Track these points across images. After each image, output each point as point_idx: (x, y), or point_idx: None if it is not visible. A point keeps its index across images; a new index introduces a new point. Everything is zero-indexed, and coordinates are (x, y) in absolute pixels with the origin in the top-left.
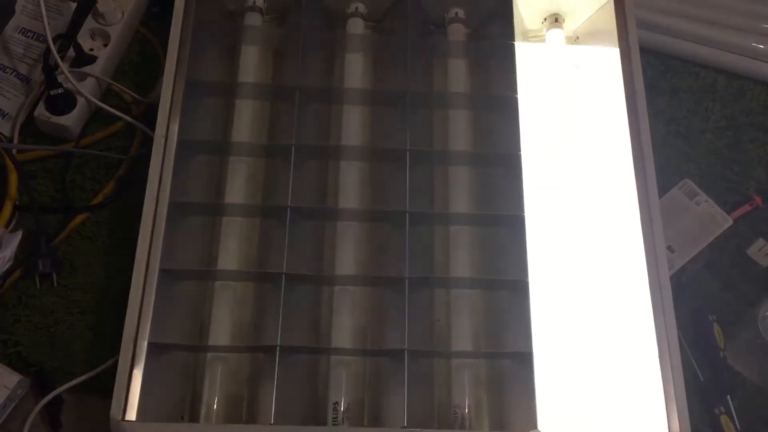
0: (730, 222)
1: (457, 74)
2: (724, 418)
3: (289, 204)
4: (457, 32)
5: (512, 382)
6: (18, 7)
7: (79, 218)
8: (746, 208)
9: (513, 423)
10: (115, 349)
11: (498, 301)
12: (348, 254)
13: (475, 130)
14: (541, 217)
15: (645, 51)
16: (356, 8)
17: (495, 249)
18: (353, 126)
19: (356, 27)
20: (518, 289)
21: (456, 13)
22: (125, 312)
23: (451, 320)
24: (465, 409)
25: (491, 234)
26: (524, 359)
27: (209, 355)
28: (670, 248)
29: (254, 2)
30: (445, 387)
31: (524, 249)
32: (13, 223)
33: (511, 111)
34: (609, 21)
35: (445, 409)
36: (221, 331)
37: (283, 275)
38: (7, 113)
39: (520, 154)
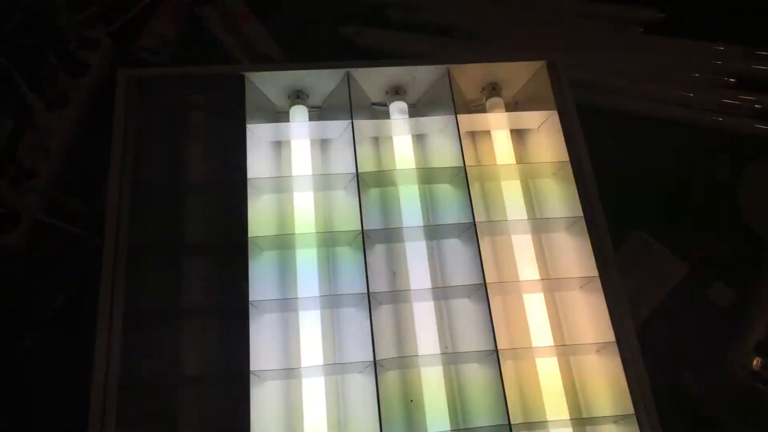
0: (686, 268)
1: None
2: None
3: (250, 300)
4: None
5: None
6: None
7: None
8: (699, 253)
9: None
10: None
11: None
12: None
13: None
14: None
15: (583, 109)
16: (297, 95)
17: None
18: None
19: (301, 114)
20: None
21: (397, 91)
22: None
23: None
24: None
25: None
26: None
27: None
28: (631, 300)
29: (197, 100)
30: None
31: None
32: None
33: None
34: (545, 85)
35: None
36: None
37: (250, 374)
38: None
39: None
